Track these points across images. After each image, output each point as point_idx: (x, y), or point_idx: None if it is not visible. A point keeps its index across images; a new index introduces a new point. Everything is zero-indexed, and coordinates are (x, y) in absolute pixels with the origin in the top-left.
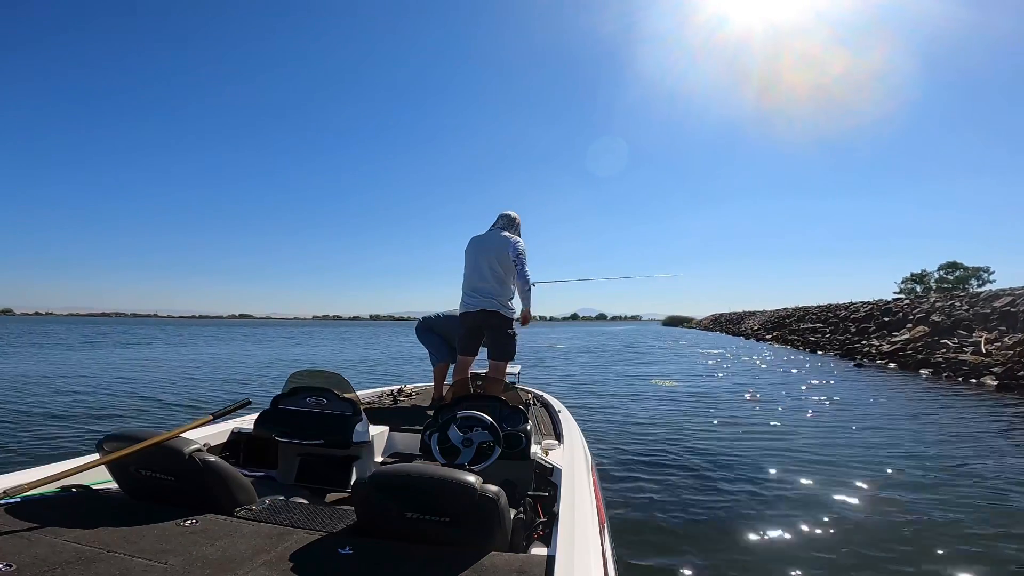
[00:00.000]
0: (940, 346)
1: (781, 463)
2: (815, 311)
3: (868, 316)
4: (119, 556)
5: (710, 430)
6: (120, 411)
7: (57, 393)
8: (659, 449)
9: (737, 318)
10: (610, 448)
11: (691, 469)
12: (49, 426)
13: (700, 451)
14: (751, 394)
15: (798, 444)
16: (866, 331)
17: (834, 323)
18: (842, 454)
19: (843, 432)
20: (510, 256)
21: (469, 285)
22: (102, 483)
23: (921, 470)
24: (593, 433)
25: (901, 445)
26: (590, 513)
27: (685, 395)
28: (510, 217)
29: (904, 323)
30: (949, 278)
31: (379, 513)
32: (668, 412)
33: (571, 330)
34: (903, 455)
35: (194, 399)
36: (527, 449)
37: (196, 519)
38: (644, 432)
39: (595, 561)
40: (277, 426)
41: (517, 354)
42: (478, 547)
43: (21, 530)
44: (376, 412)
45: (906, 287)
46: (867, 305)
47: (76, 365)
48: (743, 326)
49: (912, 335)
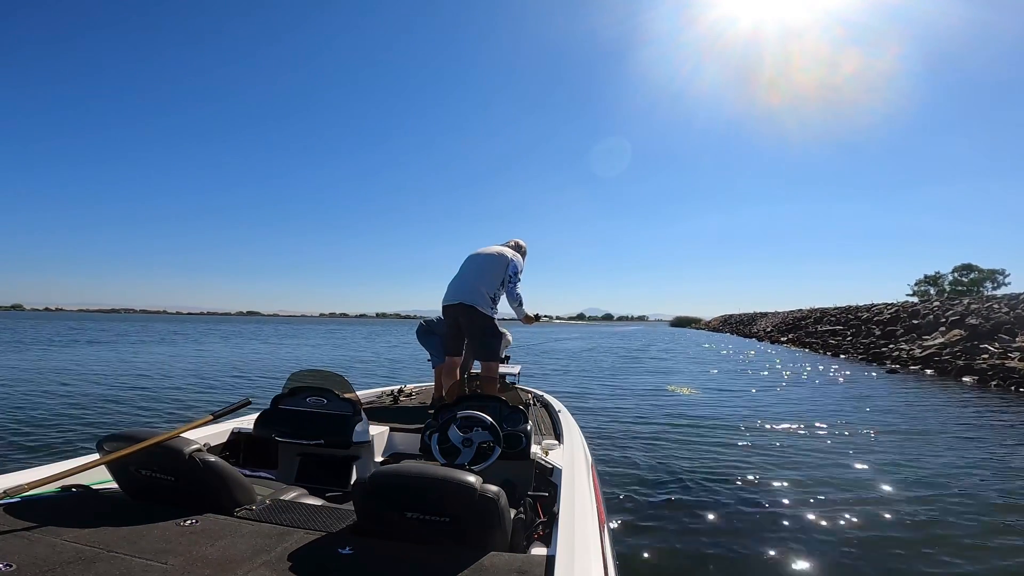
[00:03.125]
0: (980, 351)
1: (794, 470)
2: (833, 313)
3: (894, 318)
4: (119, 556)
5: (722, 433)
6: (120, 411)
7: (57, 392)
8: (661, 451)
9: (748, 319)
10: (611, 448)
11: (695, 471)
12: (49, 426)
13: (706, 454)
14: (773, 400)
15: (824, 456)
16: (893, 334)
17: (855, 325)
18: (891, 471)
19: (891, 447)
20: (506, 269)
21: (453, 281)
22: (102, 483)
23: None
24: (594, 433)
25: (980, 469)
26: (590, 513)
27: (699, 401)
28: (519, 243)
29: (935, 326)
30: (964, 280)
31: (379, 513)
32: (677, 415)
33: (577, 330)
34: (991, 482)
35: (194, 399)
36: (527, 449)
37: (196, 519)
38: (645, 432)
39: (595, 561)
40: (277, 426)
41: (516, 355)
42: (478, 547)
43: (21, 530)
44: (376, 412)
45: (920, 289)
46: (891, 307)
47: (77, 363)
48: (755, 327)
49: (947, 339)
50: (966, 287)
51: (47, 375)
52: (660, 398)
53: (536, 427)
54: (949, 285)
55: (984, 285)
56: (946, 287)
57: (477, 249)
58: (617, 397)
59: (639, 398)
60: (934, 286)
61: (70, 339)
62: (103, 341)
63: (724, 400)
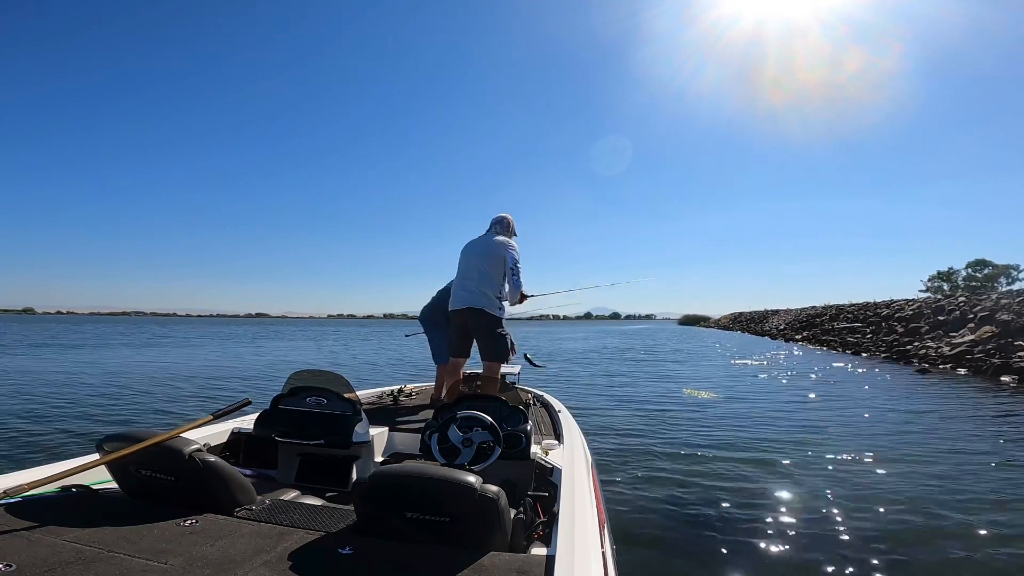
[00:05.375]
0: (1015, 348)
1: (813, 472)
2: (850, 309)
3: (917, 315)
4: (119, 556)
5: (734, 435)
6: (120, 411)
7: (58, 393)
8: (662, 451)
9: (759, 317)
10: (611, 448)
11: (696, 472)
12: (49, 426)
13: (709, 455)
14: (800, 403)
15: (847, 459)
16: (917, 331)
17: (875, 323)
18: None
19: (945, 457)
20: (506, 262)
21: (458, 283)
22: (102, 483)
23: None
24: (594, 434)
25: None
26: (590, 513)
27: (711, 403)
28: (504, 221)
29: (963, 323)
30: (977, 276)
31: (379, 513)
32: (685, 418)
33: (583, 329)
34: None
35: (194, 399)
36: (527, 449)
37: (196, 519)
38: (645, 433)
39: (595, 561)
40: (277, 426)
41: (515, 354)
42: (478, 547)
43: (21, 530)
44: (376, 412)
45: (932, 285)
46: (912, 303)
47: (79, 365)
48: (767, 325)
49: (978, 336)
50: (980, 283)
51: (48, 375)
52: (671, 401)
53: (536, 427)
54: (963, 281)
55: (999, 281)
56: (959, 283)
57: (470, 240)
58: (620, 397)
59: (646, 400)
60: (947, 282)
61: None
62: (104, 343)
63: (743, 402)
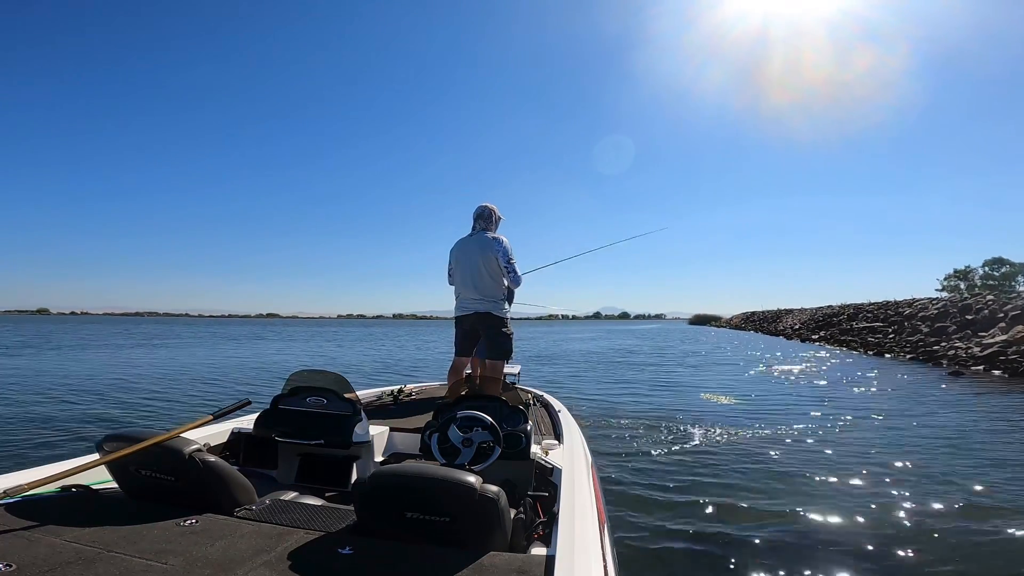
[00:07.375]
0: None
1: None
2: (869, 308)
3: (943, 314)
4: (119, 556)
5: (745, 437)
6: (120, 411)
7: (59, 393)
8: (662, 452)
9: (772, 316)
10: (611, 449)
11: (697, 473)
12: (49, 426)
13: (713, 457)
14: (825, 406)
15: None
16: (943, 331)
17: (896, 322)
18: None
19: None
20: (500, 261)
21: (461, 289)
22: (102, 483)
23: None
24: (595, 433)
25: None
26: (590, 513)
27: (722, 404)
28: (486, 213)
29: (993, 322)
30: (995, 274)
31: (379, 513)
32: (691, 419)
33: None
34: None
35: (194, 399)
36: (527, 449)
37: (196, 519)
38: (645, 432)
39: (595, 561)
40: (277, 426)
41: (520, 357)
42: (478, 547)
43: (21, 530)
44: (376, 412)
45: (949, 284)
46: (937, 302)
47: (82, 365)
48: (781, 325)
49: (1011, 336)
50: (997, 281)
51: (48, 376)
52: (674, 401)
53: (536, 427)
54: (980, 279)
55: (1016, 279)
56: (977, 282)
57: (460, 239)
58: (621, 397)
59: (648, 400)
60: (964, 280)
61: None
62: (105, 343)
63: (758, 403)
